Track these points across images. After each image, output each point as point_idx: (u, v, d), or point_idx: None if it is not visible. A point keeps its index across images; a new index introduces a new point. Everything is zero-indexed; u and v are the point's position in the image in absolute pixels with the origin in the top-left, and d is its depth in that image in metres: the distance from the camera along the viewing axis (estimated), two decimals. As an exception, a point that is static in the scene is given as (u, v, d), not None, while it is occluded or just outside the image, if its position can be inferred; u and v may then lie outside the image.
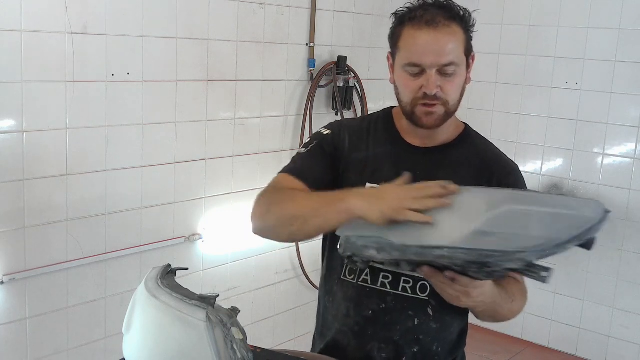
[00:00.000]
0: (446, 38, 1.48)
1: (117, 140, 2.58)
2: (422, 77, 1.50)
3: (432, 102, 1.51)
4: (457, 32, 1.51)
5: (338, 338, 1.63)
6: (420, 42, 1.49)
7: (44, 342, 2.47)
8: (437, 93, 1.50)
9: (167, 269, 1.48)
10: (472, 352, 1.46)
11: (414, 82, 1.51)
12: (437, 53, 1.48)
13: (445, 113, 1.54)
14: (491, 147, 1.69)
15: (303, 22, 3.27)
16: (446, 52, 1.48)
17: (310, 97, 3.33)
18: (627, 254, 3.70)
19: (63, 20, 2.34)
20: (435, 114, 1.53)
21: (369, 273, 1.58)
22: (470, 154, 1.63)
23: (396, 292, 1.56)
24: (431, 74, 1.49)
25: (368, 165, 1.61)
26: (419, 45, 1.49)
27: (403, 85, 1.55)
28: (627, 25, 3.59)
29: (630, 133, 3.64)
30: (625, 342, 3.74)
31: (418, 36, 1.49)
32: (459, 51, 1.51)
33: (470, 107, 4.20)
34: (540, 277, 1.21)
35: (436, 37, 1.48)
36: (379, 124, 1.68)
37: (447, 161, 1.61)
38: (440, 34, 1.48)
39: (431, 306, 1.56)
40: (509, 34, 4.00)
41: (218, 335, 1.25)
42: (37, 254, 2.40)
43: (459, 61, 1.51)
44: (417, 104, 1.53)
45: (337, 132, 1.65)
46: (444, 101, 1.53)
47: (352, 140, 1.64)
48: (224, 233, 3.07)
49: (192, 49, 2.80)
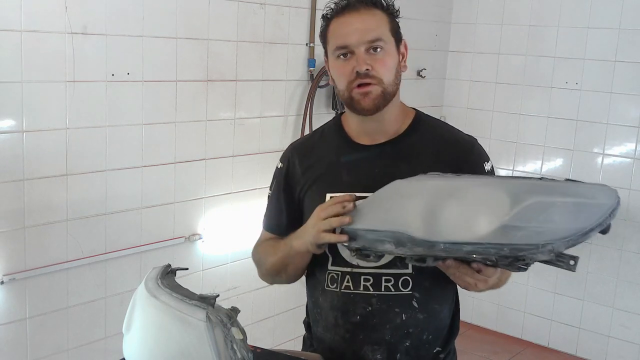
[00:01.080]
0: (368, 17, 1.55)
1: (117, 140, 2.58)
2: (352, 58, 1.54)
3: (365, 81, 1.53)
4: (379, 14, 1.56)
5: (332, 346, 1.64)
6: (343, 26, 1.56)
7: (44, 342, 2.47)
8: (368, 71, 1.53)
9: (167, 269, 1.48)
10: (472, 352, 1.46)
11: (345, 66, 1.55)
12: (361, 31, 1.53)
13: (382, 93, 1.55)
14: (446, 128, 1.69)
15: (303, 22, 3.27)
16: (369, 29, 1.53)
17: (310, 97, 3.33)
18: (627, 254, 3.70)
19: (63, 20, 2.34)
20: (372, 93, 1.54)
21: (350, 279, 1.58)
22: (426, 140, 1.63)
23: (380, 292, 1.56)
24: (359, 52, 1.53)
25: (325, 177, 1.63)
26: (343, 29, 1.56)
27: (337, 72, 1.59)
28: (627, 25, 3.59)
29: (630, 133, 3.64)
30: (625, 342, 3.74)
31: (341, 22, 1.57)
32: (383, 29, 1.55)
33: (470, 107, 4.21)
34: (569, 266, 1.24)
35: (358, 17, 1.55)
36: (329, 133, 1.71)
37: (404, 152, 1.61)
38: (362, 15, 1.55)
39: (415, 299, 1.57)
40: (509, 34, 4.00)
41: (218, 335, 1.25)
42: (37, 254, 2.40)
43: (386, 39, 1.55)
44: (352, 88, 1.55)
45: (287, 161, 1.72)
46: (378, 79, 1.54)
47: (303, 161, 1.69)
48: (224, 233, 3.07)
49: (192, 49, 2.80)
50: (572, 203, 1.25)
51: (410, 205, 1.38)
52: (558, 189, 1.30)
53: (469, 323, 4.15)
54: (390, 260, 1.54)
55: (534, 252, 1.22)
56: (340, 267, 1.59)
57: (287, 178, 1.70)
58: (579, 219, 1.23)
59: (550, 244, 1.21)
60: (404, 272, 1.56)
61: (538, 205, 1.26)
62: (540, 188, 1.30)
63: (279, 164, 1.74)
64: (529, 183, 1.32)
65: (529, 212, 1.26)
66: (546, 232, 1.22)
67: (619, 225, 3.70)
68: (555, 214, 1.25)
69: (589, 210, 1.24)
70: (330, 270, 1.61)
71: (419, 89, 4.04)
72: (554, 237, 1.21)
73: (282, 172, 1.72)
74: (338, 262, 1.59)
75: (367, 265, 1.56)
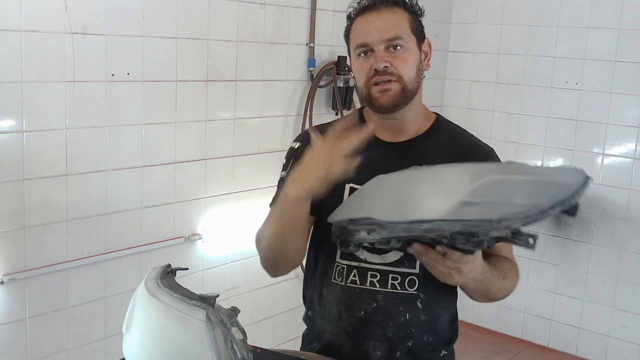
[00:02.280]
0: (388, 16, 1.56)
1: (117, 140, 2.58)
2: (372, 56, 1.55)
3: (384, 78, 1.53)
4: (400, 13, 1.58)
5: (332, 340, 1.64)
6: (363, 25, 1.57)
7: (44, 342, 2.47)
8: (387, 68, 1.53)
9: (167, 269, 1.48)
10: (472, 352, 1.46)
11: (365, 63, 1.56)
12: (380, 29, 1.54)
13: (402, 90, 1.55)
14: (465, 134, 1.70)
15: (303, 22, 3.27)
16: (389, 27, 1.54)
17: (310, 97, 3.33)
18: (627, 254, 3.70)
19: (63, 20, 2.34)
20: (391, 90, 1.54)
21: (357, 274, 1.59)
22: (444, 144, 1.64)
23: (386, 289, 1.57)
24: (379, 50, 1.54)
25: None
26: (362, 27, 1.57)
27: (357, 70, 1.59)
28: (627, 25, 3.59)
29: (630, 133, 3.64)
30: (625, 342, 3.74)
31: (362, 21, 1.58)
32: (404, 28, 1.56)
33: (470, 107, 4.21)
34: (528, 244, 1.21)
35: (378, 16, 1.56)
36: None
37: (421, 153, 1.61)
38: (382, 14, 1.56)
39: (420, 299, 1.58)
40: (509, 34, 4.00)
41: (218, 335, 1.25)
42: (37, 254, 2.40)
43: (406, 37, 1.56)
44: (371, 85, 1.55)
45: (306, 142, 1.63)
46: (397, 76, 1.54)
47: None
48: (224, 233, 3.07)
49: (192, 49, 2.80)
50: (530, 181, 1.24)
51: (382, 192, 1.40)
52: (520, 169, 1.29)
53: (469, 323, 4.15)
54: (398, 259, 1.55)
55: (488, 228, 1.18)
56: (348, 260, 1.59)
57: None
58: (536, 196, 1.21)
59: (506, 219, 1.17)
60: (411, 272, 1.57)
61: (495, 182, 1.25)
62: (502, 168, 1.30)
63: (295, 144, 1.70)
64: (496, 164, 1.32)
65: (486, 188, 1.25)
66: (501, 207, 1.20)
67: (619, 225, 3.70)
68: (512, 191, 1.23)
69: (550, 188, 1.22)
70: (338, 263, 1.61)
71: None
72: (510, 212, 1.18)
73: (299, 151, 1.63)
74: (346, 255, 1.59)
75: (375, 262, 1.57)
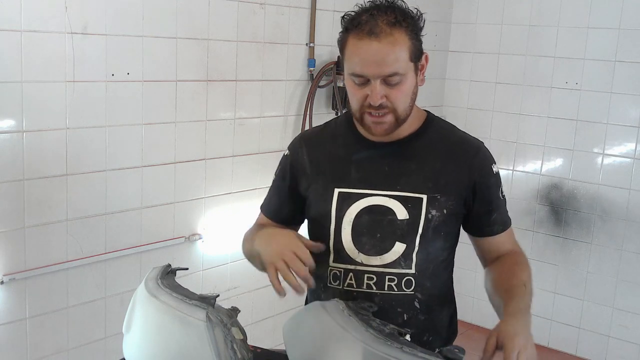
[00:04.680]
0: (388, 48, 1.46)
1: (117, 140, 2.58)
2: (367, 86, 1.49)
3: (378, 111, 1.51)
4: (401, 40, 1.47)
5: None
6: (362, 53, 1.47)
7: (44, 342, 2.47)
8: (382, 103, 1.50)
9: (167, 269, 1.48)
10: (472, 352, 1.45)
11: (359, 91, 1.51)
12: (379, 64, 1.46)
13: (395, 120, 1.54)
14: (455, 131, 1.69)
15: (303, 22, 3.27)
16: (388, 63, 1.46)
17: (310, 97, 3.33)
18: (627, 254, 3.70)
19: (63, 20, 2.34)
20: (385, 123, 1.53)
21: (353, 277, 1.58)
22: (435, 141, 1.63)
23: (383, 291, 1.56)
24: (375, 84, 1.48)
25: (334, 172, 1.62)
26: (361, 56, 1.47)
27: (351, 93, 1.55)
28: (627, 25, 3.58)
29: (630, 133, 3.64)
30: (625, 342, 3.74)
31: (360, 47, 1.47)
32: (403, 59, 1.48)
33: (470, 107, 4.21)
34: None
35: (378, 48, 1.45)
36: (340, 129, 1.70)
37: (413, 152, 1.61)
38: (381, 45, 1.45)
39: (418, 299, 1.58)
40: (509, 34, 4.00)
41: (218, 335, 1.25)
42: (37, 253, 2.40)
43: (404, 70, 1.49)
44: (364, 112, 1.53)
45: (296, 150, 1.71)
46: (391, 109, 1.52)
47: (311, 153, 1.68)
48: (224, 233, 3.07)
49: (192, 49, 2.80)
50: None
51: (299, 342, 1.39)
52: None
53: (469, 323, 4.15)
54: (394, 260, 1.55)
55: None
56: (344, 264, 1.59)
57: (292, 168, 1.70)
58: None
59: None
60: (407, 272, 1.56)
61: None
62: None
63: (286, 152, 1.74)
64: None
65: None
66: None
67: (619, 225, 3.70)
68: None
69: None
70: (332, 267, 1.61)
71: (419, 89, 4.03)
72: None
73: (288, 160, 1.72)
74: (341, 259, 1.59)
75: (372, 264, 1.56)
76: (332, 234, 1.59)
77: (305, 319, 1.42)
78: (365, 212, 1.57)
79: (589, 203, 3.78)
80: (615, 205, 3.71)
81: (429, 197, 1.55)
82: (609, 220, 3.73)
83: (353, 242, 1.57)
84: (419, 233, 1.55)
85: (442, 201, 1.56)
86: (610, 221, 3.73)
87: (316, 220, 1.65)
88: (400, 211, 1.55)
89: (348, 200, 1.58)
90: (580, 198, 3.81)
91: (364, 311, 1.34)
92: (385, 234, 1.55)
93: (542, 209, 3.94)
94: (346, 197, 1.58)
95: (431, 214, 1.55)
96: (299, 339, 1.39)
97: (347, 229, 1.57)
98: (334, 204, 1.59)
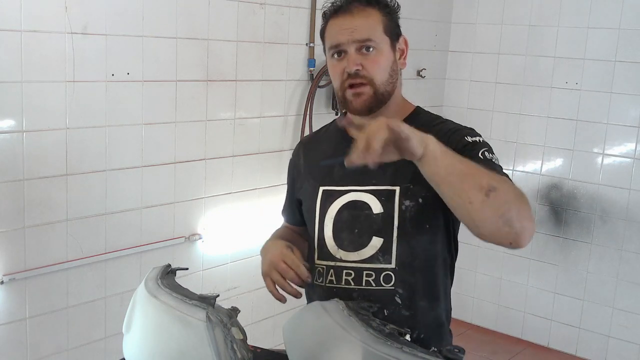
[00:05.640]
0: (360, 18, 1.56)
1: (117, 140, 2.58)
2: (345, 58, 1.56)
3: (356, 81, 1.55)
4: (373, 14, 1.57)
5: None
6: (336, 26, 1.58)
7: (44, 342, 2.47)
8: (358, 70, 1.54)
9: (167, 269, 1.48)
10: (472, 352, 1.45)
11: (338, 66, 1.57)
12: (351, 30, 1.55)
13: (374, 94, 1.56)
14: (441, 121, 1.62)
15: (303, 22, 3.27)
16: (360, 29, 1.55)
17: (310, 97, 3.33)
18: (627, 254, 3.70)
19: (63, 20, 2.34)
20: (364, 94, 1.56)
21: (333, 274, 1.59)
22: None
23: (360, 287, 1.56)
24: (350, 52, 1.55)
25: (322, 171, 1.65)
26: (336, 28, 1.58)
27: (331, 72, 1.61)
28: (627, 25, 3.59)
29: (630, 133, 3.64)
30: (625, 342, 3.74)
31: (335, 22, 1.59)
32: (376, 29, 1.56)
33: (470, 107, 4.21)
34: None
35: (351, 18, 1.56)
36: (332, 129, 1.74)
37: None
38: (353, 15, 1.56)
39: (398, 294, 1.55)
40: (509, 34, 4.00)
41: (218, 335, 1.25)
42: (37, 253, 2.40)
43: (378, 38, 1.56)
44: (345, 88, 1.57)
45: (296, 154, 1.81)
46: (369, 79, 1.55)
47: (307, 155, 1.75)
48: (224, 233, 3.07)
49: (192, 49, 2.80)
50: None
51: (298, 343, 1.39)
52: None
53: (469, 323, 4.15)
54: (372, 255, 1.55)
55: None
56: (326, 261, 1.60)
57: (293, 171, 1.79)
58: None
59: None
60: (386, 267, 1.55)
61: None
62: None
63: (291, 156, 1.84)
64: None
65: None
66: None
67: (619, 225, 3.70)
68: None
69: None
70: (316, 265, 1.62)
71: (419, 89, 4.04)
72: None
73: (291, 164, 1.82)
74: (323, 256, 1.61)
75: (350, 259, 1.57)
76: (316, 231, 1.62)
77: (305, 319, 1.42)
78: (345, 208, 1.59)
79: (589, 203, 3.78)
80: (615, 205, 3.71)
81: (402, 188, 1.53)
82: (609, 220, 3.73)
83: (334, 238, 1.59)
84: (395, 225, 1.53)
85: (415, 190, 1.52)
86: (610, 221, 3.73)
87: (307, 219, 1.69)
88: (375, 205, 1.55)
89: (330, 198, 1.60)
90: (580, 198, 3.81)
91: (364, 311, 1.34)
92: (363, 229, 1.56)
93: (542, 209, 3.94)
94: (329, 195, 1.61)
95: (405, 205, 1.53)
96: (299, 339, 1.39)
97: (329, 225, 1.60)
98: (319, 202, 1.62)
